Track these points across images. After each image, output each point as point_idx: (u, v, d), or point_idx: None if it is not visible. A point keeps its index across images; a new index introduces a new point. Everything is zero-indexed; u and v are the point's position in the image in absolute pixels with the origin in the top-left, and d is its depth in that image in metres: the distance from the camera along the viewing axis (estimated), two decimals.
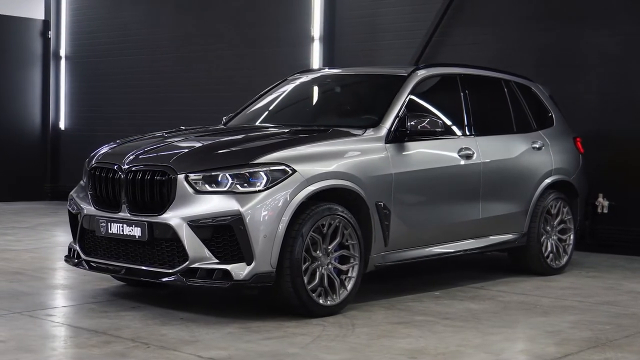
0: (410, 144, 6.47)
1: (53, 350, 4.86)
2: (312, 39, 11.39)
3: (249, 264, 5.45)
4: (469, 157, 6.98)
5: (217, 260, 5.48)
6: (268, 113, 7.37)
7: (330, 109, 7.44)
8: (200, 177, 5.57)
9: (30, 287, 6.67)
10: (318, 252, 5.73)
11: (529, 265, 7.66)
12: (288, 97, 7.58)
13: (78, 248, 6.19)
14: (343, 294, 5.85)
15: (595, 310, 6.18)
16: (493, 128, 7.54)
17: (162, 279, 5.62)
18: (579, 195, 8.11)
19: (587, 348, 5.06)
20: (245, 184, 5.53)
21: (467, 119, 7.18)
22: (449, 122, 7.07)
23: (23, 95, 14.24)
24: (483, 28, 10.04)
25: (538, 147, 7.74)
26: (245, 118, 7.42)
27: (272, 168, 5.59)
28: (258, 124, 7.15)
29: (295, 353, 4.81)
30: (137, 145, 6.17)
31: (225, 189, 5.52)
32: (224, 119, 7.59)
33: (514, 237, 7.45)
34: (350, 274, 5.90)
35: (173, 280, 5.57)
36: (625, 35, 9.11)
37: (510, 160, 7.44)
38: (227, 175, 5.55)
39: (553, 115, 8.19)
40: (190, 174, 5.58)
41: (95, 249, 6.06)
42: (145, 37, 13.39)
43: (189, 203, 5.53)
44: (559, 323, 5.72)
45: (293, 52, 11.58)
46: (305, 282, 5.61)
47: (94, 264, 6.06)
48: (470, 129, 7.17)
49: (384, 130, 6.35)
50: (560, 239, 7.84)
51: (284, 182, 5.58)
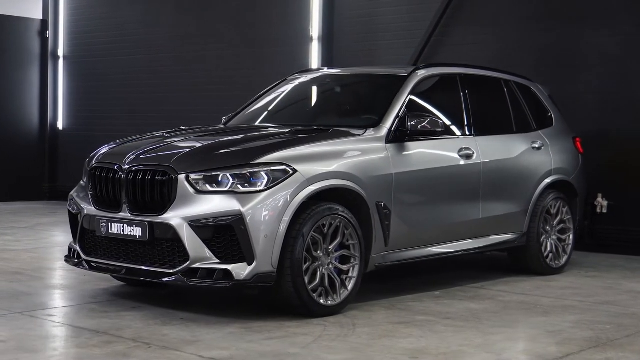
0: (411, 144, 6.47)
1: (54, 351, 4.85)
2: (310, 39, 11.38)
3: (250, 264, 5.44)
4: (469, 157, 6.98)
5: (218, 261, 5.48)
6: (268, 113, 7.36)
7: (331, 109, 7.43)
8: (201, 177, 5.56)
9: (30, 287, 6.66)
10: (319, 252, 5.73)
11: (529, 265, 7.66)
12: (288, 97, 7.57)
13: (78, 248, 6.18)
14: (344, 294, 5.84)
15: (596, 310, 6.18)
16: (493, 128, 7.55)
17: (162, 279, 5.62)
18: (579, 195, 8.12)
19: (588, 348, 5.07)
20: (246, 184, 5.53)
21: (467, 119, 7.18)
22: (449, 122, 7.07)
23: (21, 95, 14.23)
24: (482, 28, 10.04)
25: (538, 147, 7.74)
26: (245, 118, 7.42)
27: (273, 168, 5.59)
28: (258, 124, 7.14)
29: (297, 353, 4.81)
30: (137, 145, 6.16)
31: (226, 189, 5.51)
32: (224, 119, 7.58)
33: (514, 237, 7.45)
34: (351, 274, 5.90)
35: (174, 281, 5.57)
36: (625, 35, 9.12)
37: (510, 160, 7.45)
38: (228, 175, 5.55)
39: (552, 115, 8.20)
40: (191, 174, 5.57)
41: (96, 249, 6.06)
42: (144, 36, 13.38)
43: (190, 203, 5.52)
44: (560, 323, 5.72)
45: (292, 52, 11.57)
46: (306, 282, 5.61)
47: (94, 264, 6.06)
48: (470, 129, 7.18)
49: (385, 130, 6.35)
50: (560, 239, 7.85)
51: (285, 182, 5.58)
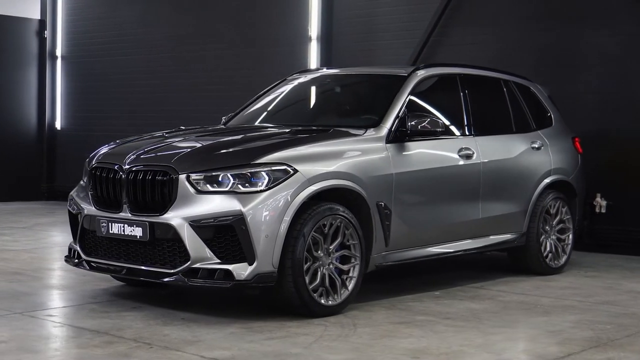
0: (411, 144, 6.47)
1: (55, 351, 4.85)
2: (309, 39, 11.38)
3: (251, 264, 5.44)
4: (469, 157, 6.98)
5: (218, 261, 5.47)
6: (268, 113, 7.36)
7: (331, 109, 7.43)
8: (202, 177, 5.56)
9: (30, 287, 6.65)
10: (319, 252, 5.72)
11: (528, 265, 7.67)
12: (288, 97, 7.57)
13: (78, 248, 6.18)
14: (344, 294, 5.84)
15: (596, 310, 6.19)
16: (492, 128, 7.55)
17: (163, 279, 5.61)
18: (578, 195, 8.12)
19: (589, 348, 5.07)
20: (247, 184, 5.52)
21: (466, 119, 7.18)
22: (449, 122, 7.07)
23: (19, 95, 14.21)
24: (481, 28, 10.04)
25: (537, 147, 7.75)
26: (245, 118, 7.41)
27: (273, 168, 5.59)
28: (258, 124, 7.14)
29: (299, 353, 4.81)
30: (137, 145, 6.16)
31: (227, 189, 5.51)
32: (224, 119, 7.58)
33: (514, 237, 7.45)
34: (352, 274, 5.90)
35: (174, 281, 5.56)
36: (625, 35, 9.12)
37: (510, 160, 7.45)
38: (228, 175, 5.54)
39: (552, 115, 8.20)
40: (192, 174, 5.57)
41: (96, 249, 6.05)
42: (142, 36, 13.36)
43: (191, 203, 5.52)
44: (560, 323, 5.73)
45: (290, 52, 11.56)
46: (307, 282, 5.61)
47: (95, 264, 6.05)
48: (470, 129, 7.18)
49: (385, 130, 6.35)
50: (559, 239, 7.86)
51: (286, 182, 5.58)
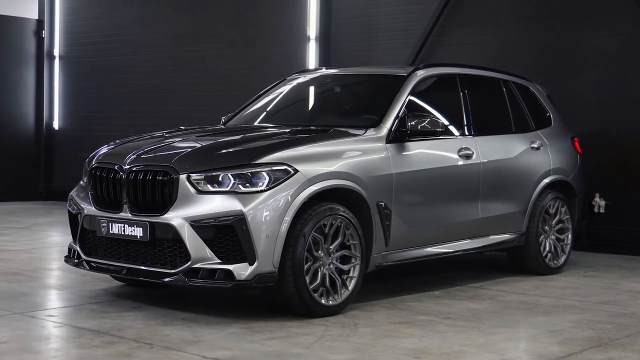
0: (411, 144, 6.47)
1: (56, 351, 4.84)
2: (308, 39, 11.38)
3: (252, 264, 5.44)
4: (469, 157, 6.98)
5: (219, 261, 5.47)
6: (268, 113, 7.35)
7: (331, 109, 7.42)
8: (202, 177, 5.55)
9: (30, 287, 6.64)
10: (320, 252, 5.72)
11: (528, 265, 7.67)
12: (288, 97, 7.56)
13: (78, 248, 6.17)
14: (345, 294, 5.84)
15: (596, 310, 6.19)
16: (492, 128, 7.55)
17: (164, 279, 5.61)
18: (577, 195, 8.13)
19: (590, 347, 5.08)
20: (248, 184, 5.52)
21: (466, 119, 7.18)
22: (448, 122, 7.08)
23: (17, 95, 14.19)
24: (480, 28, 10.05)
25: (536, 147, 7.75)
26: (244, 118, 7.40)
27: (274, 168, 5.58)
28: (258, 124, 7.13)
29: (300, 353, 4.81)
30: (137, 146, 6.15)
31: (228, 189, 5.51)
32: (223, 119, 7.57)
33: (513, 236, 7.46)
34: (352, 274, 5.90)
35: (175, 281, 5.56)
36: (625, 36, 9.13)
37: (509, 160, 7.45)
38: (229, 175, 5.54)
39: (551, 115, 8.21)
40: (192, 174, 5.56)
41: (96, 249, 6.04)
42: (140, 36, 13.35)
43: (191, 203, 5.51)
44: (561, 322, 5.73)
45: (289, 52, 11.56)
46: (307, 282, 5.61)
47: (95, 264, 6.04)
48: (470, 129, 7.18)
49: (385, 130, 6.35)
50: (559, 239, 7.86)
51: (286, 182, 5.58)
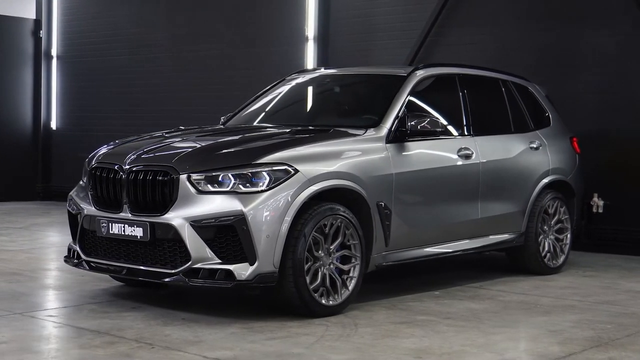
0: (411, 144, 6.48)
1: (57, 351, 4.83)
2: (306, 39, 11.37)
3: (252, 264, 5.43)
4: (468, 157, 6.99)
5: (219, 261, 5.47)
6: (267, 113, 7.34)
7: (330, 109, 7.42)
8: (203, 177, 5.55)
9: (29, 287, 6.64)
10: (320, 252, 5.72)
11: (527, 265, 7.68)
12: (288, 97, 7.56)
13: (78, 248, 6.16)
14: (345, 294, 5.84)
15: (595, 310, 6.20)
16: (491, 128, 7.55)
17: (164, 280, 5.60)
18: (576, 195, 8.13)
19: (590, 347, 5.08)
20: (248, 184, 5.52)
21: (465, 119, 7.18)
22: (448, 122, 7.08)
23: (14, 95, 14.16)
24: (479, 28, 10.05)
25: (535, 147, 7.76)
26: (244, 118, 7.40)
27: (274, 168, 5.58)
28: (258, 124, 7.13)
29: (301, 353, 4.80)
30: (137, 146, 6.14)
31: (228, 189, 5.50)
32: (222, 119, 7.57)
33: (512, 236, 7.46)
34: (352, 274, 5.90)
35: (175, 281, 5.55)
36: (625, 35, 9.13)
37: (509, 160, 7.46)
38: (229, 176, 5.54)
39: (550, 115, 8.22)
40: (193, 174, 5.56)
41: (96, 250, 6.04)
42: (138, 36, 13.34)
43: (191, 203, 5.51)
44: (561, 322, 5.74)
45: (287, 52, 11.55)
46: (308, 282, 5.60)
47: (95, 265, 6.04)
48: (469, 129, 7.18)
49: (385, 130, 6.35)
50: (558, 239, 7.87)
51: (287, 182, 5.57)
